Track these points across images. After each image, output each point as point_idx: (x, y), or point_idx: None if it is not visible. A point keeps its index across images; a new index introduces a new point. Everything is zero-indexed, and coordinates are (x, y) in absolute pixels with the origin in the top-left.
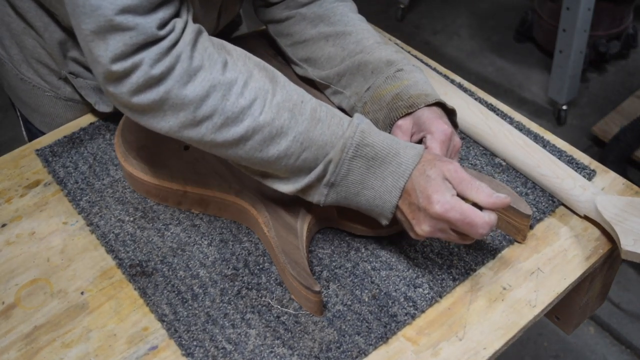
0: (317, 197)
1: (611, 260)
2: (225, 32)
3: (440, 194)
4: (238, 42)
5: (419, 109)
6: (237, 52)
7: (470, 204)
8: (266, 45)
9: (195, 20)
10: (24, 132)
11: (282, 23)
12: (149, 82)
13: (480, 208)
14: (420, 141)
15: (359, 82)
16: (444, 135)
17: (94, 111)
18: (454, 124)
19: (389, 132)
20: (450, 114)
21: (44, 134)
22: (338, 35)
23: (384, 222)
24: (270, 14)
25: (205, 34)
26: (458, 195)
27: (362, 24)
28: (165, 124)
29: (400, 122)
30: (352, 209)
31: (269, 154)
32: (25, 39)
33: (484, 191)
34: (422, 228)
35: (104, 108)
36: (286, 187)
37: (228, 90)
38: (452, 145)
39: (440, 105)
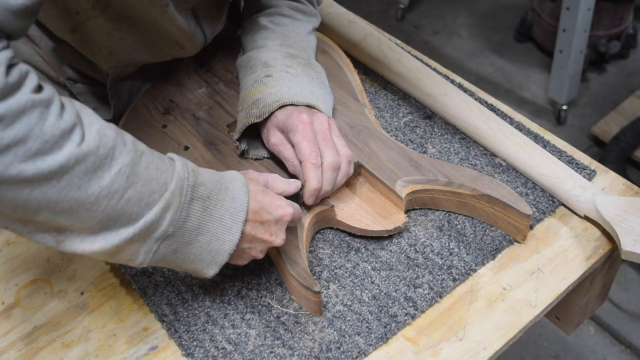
0: (141, 256)
1: (611, 261)
2: (224, 34)
3: (280, 199)
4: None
5: (269, 116)
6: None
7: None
8: None
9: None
10: None
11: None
12: None
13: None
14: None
15: (242, 76)
16: (303, 125)
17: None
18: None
19: (241, 134)
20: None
21: None
22: (262, 32)
23: (211, 273)
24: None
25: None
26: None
27: (292, 31)
28: None
29: (272, 139)
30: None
31: (88, 191)
32: (22, 47)
33: (282, 181)
34: (282, 237)
35: (104, 114)
36: (92, 246)
37: (46, 108)
38: (318, 128)
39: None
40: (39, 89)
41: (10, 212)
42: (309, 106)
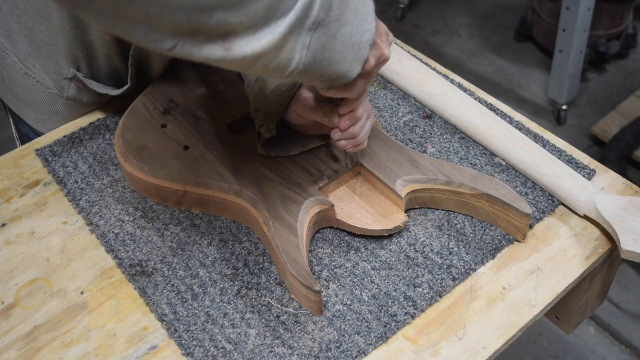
0: (297, 54)
1: (611, 260)
2: None
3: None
4: None
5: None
6: None
7: None
8: None
9: None
10: (14, 131)
11: None
12: None
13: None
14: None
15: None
16: None
17: (93, 112)
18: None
19: (278, 119)
20: None
21: (35, 132)
22: None
23: (355, 72)
24: None
25: None
26: None
27: None
28: None
29: (304, 94)
30: (320, 84)
31: None
32: (37, 33)
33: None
34: (389, 52)
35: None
36: (261, 42)
37: None
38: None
39: None
40: None
41: (185, 22)
42: None
